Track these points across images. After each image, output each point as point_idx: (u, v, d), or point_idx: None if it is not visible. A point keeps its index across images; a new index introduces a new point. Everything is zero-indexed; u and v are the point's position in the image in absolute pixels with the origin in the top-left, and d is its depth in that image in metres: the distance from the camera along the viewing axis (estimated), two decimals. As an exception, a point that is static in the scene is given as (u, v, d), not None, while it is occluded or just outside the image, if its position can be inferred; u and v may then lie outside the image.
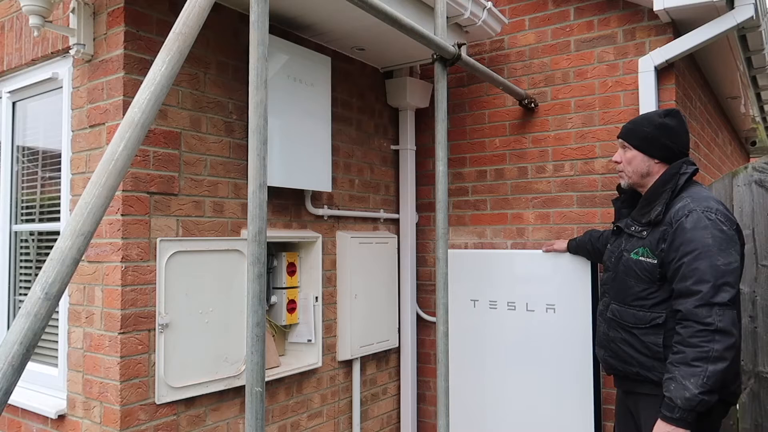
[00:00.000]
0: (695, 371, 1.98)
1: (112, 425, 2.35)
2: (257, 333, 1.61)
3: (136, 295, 2.40)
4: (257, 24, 1.65)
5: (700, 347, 1.99)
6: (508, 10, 3.76)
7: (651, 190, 2.29)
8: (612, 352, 2.35)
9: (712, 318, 1.99)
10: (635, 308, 2.26)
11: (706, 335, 1.99)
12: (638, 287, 2.25)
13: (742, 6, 2.96)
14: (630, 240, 2.32)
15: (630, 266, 2.28)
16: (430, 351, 3.99)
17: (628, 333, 2.27)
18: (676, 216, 2.16)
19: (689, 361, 2.00)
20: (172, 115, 2.56)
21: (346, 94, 3.57)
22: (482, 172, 3.86)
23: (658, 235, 2.19)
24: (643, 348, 2.22)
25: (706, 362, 1.98)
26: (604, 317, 2.42)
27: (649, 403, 2.24)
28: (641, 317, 2.23)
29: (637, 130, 2.35)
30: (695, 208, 2.14)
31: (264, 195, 1.64)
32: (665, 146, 2.29)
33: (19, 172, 3.06)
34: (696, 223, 2.10)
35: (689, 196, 2.21)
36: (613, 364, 2.36)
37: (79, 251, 1.40)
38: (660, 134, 2.29)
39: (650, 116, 2.38)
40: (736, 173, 3.00)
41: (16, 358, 1.29)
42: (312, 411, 3.27)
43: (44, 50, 2.73)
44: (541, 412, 3.39)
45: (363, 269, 3.55)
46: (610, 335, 2.35)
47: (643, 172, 2.33)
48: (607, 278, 2.42)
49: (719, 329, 1.98)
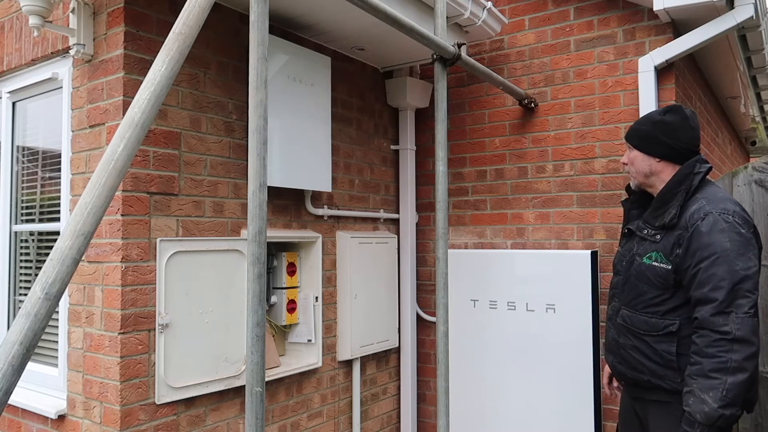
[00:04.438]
0: (714, 383, 1.88)
1: (112, 425, 2.35)
2: (257, 333, 1.61)
3: (136, 295, 2.40)
4: (257, 24, 1.65)
5: (717, 357, 1.89)
6: (508, 10, 3.76)
7: (664, 191, 2.18)
8: (621, 359, 2.25)
9: (729, 326, 1.89)
10: (648, 315, 2.15)
11: (723, 345, 1.89)
12: (651, 293, 2.15)
13: (742, 6, 2.96)
14: (642, 243, 2.21)
15: (642, 271, 2.17)
16: (430, 351, 3.99)
17: (640, 340, 2.17)
18: (691, 219, 2.05)
19: (707, 372, 1.90)
20: (172, 115, 2.56)
21: (346, 94, 3.57)
22: (482, 172, 3.86)
23: (673, 239, 2.09)
24: (655, 356, 2.12)
25: (725, 373, 1.87)
26: (613, 322, 2.32)
27: (659, 410, 2.17)
28: (654, 324, 2.13)
29: (637, 130, 2.31)
30: (711, 210, 2.03)
31: (264, 195, 1.64)
32: (665, 144, 2.20)
33: (19, 172, 3.06)
34: (713, 227, 2.00)
35: (704, 197, 2.10)
36: (622, 370, 2.26)
37: (79, 251, 1.40)
38: (658, 132, 2.22)
39: (651, 114, 2.32)
40: (736, 173, 3.00)
41: (16, 358, 1.29)
42: (312, 411, 3.27)
43: (44, 50, 2.73)
44: (541, 412, 3.39)
45: (363, 269, 3.55)
46: (620, 342, 2.25)
47: (646, 172, 2.26)
48: (617, 282, 2.32)
49: (737, 338, 1.88)
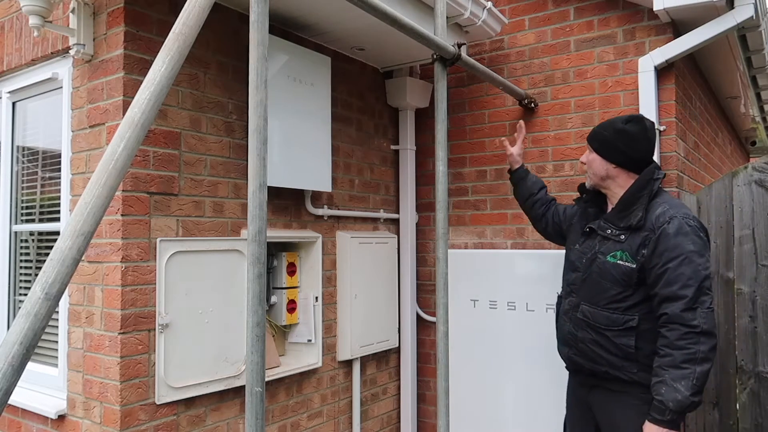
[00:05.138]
0: (685, 373, 2.03)
1: (112, 425, 2.35)
2: (257, 333, 1.61)
3: (136, 295, 2.40)
4: (257, 24, 1.65)
5: (687, 349, 2.04)
6: (508, 10, 3.76)
7: (628, 194, 2.30)
8: (579, 351, 2.37)
9: (697, 321, 2.05)
10: (609, 311, 2.26)
11: (692, 337, 2.04)
12: (614, 290, 2.26)
13: (742, 6, 2.95)
14: (605, 243, 2.32)
15: (607, 269, 2.28)
16: (430, 351, 3.99)
17: (599, 334, 2.28)
18: (657, 222, 2.19)
19: (678, 363, 2.04)
20: (172, 115, 2.56)
21: (346, 94, 3.57)
22: (482, 172, 3.86)
23: (639, 240, 2.21)
24: (615, 349, 2.24)
25: (694, 364, 2.03)
26: (569, 316, 2.42)
27: (611, 398, 2.31)
28: (615, 319, 2.25)
29: (599, 134, 2.40)
30: (675, 214, 2.18)
31: (264, 195, 1.64)
32: (622, 152, 2.31)
33: (19, 172, 3.06)
34: (679, 230, 2.14)
35: (665, 202, 2.25)
36: (579, 362, 2.38)
37: (79, 251, 1.40)
38: (617, 140, 2.32)
39: (614, 121, 2.40)
40: (736, 173, 3.00)
41: (16, 358, 1.29)
42: (312, 411, 3.27)
43: (44, 50, 2.73)
44: (541, 412, 3.39)
45: (363, 269, 3.55)
46: (579, 335, 2.36)
47: (602, 175, 2.38)
48: (576, 279, 2.41)
49: (704, 331, 2.04)
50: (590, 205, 2.51)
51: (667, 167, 3.19)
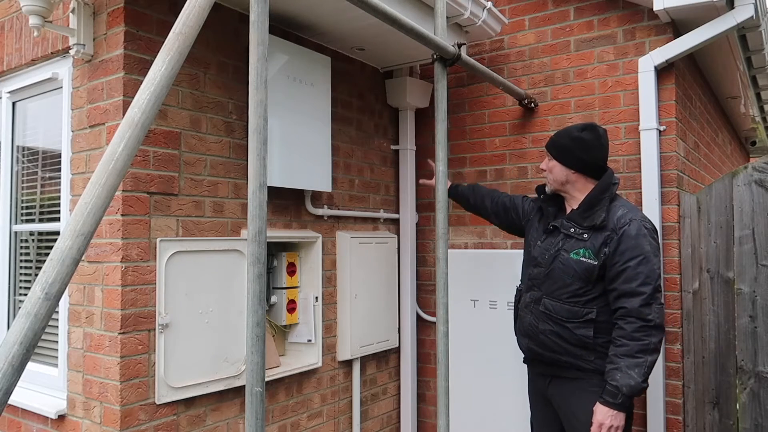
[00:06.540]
0: (638, 362, 2.23)
1: (112, 425, 2.35)
2: (257, 333, 1.61)
3: (136, 295, 2.40)
4: (257, 24, 1.65)
5: (642, 341, 2.25)
6: (508, 10, 3.76)
7: (590, 197, 2.45)
8: (539, 342, 2.50)
9: (652, 315, 2.26)
10: (570, 304, 2.42)
11: (647, 330, 2.25)
12: (576, 285, 2.41)
13: (742, 6, 2.95)
14: (568, 240, 2.46)
15: (570, 265, 2.42)
16: (430, 351, 3.99)
17: (560, 326, 2.43)
18: (619, 223, 2.36)
19: (633, 353, 2.24)
20: (172, 115, 2.56)
21: (346, 94, 3.57)
22: (482, 172, 3.86)
23: (602, 239, 2.37)
24: (574, 339, 2.40)
25: (647, 354, 2.24)
26: (530, 309, 2.55)
27: (570, 385, 2.47)
28: (575, 312, 2.40)
29: (556, 142, 2.55)
30: (634, 217, 2.37)
31: (264, 195, 1.64)
32: (579, 159, 2.47)
33: (19, 172, 3.06)
34: (638, 231, 2.33)
35: (623, 205, 2.44)
36: (539, 352, 2.52)
37: (79, 251, 1.40)
38: (574, 147, 2.48)
39: (569, 129, 2.56)
40: (736, 173, 3.00)
41: (16, 358, 1.29)
42: (312, 411, 3.27)
43: (44, 50, 2.73)
44: (541, 412, 3.38)
45: (363, 269, 3.55)
46: (539, 327, 2.50)
47: (562, 180, 2.52)
48: (539, 273, 2.54)
49: (657, 325, 2.27)
50: (549, 204, 2.64)
51: (667, 167, 3.19)
